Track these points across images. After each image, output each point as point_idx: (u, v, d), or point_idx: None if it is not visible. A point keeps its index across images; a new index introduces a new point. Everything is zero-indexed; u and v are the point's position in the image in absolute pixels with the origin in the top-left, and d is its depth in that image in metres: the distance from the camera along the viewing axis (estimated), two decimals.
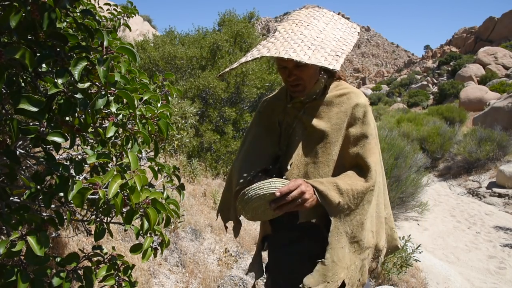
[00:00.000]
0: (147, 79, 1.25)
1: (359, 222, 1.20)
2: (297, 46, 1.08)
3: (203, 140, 5.65)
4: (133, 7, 1.66)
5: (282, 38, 1.14)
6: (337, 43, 1.16)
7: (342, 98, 1.29)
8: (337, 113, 1.27)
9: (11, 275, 0.82)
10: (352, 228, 1.20)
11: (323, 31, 1.19)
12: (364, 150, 1.22)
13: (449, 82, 24.69)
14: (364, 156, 1.21)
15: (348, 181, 1.17)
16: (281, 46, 1.09)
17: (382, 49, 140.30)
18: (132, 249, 1.07)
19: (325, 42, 1.14)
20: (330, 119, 1.27)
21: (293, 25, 1.19)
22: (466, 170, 8.64)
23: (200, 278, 2.68)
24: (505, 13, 37.94)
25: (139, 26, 14.95)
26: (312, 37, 1.14)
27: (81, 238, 2.36)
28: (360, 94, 1.32)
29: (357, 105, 1.27)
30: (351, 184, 1.16)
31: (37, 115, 0.78)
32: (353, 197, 1.16)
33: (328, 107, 1.29)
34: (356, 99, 1.29)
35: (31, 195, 0.85)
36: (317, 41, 1.13)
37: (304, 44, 1.09)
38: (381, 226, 1.32)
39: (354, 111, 1.27)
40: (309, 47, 1.09)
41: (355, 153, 1.22)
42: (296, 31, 1.15)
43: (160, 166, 1.31)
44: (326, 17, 1.27)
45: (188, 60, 6.58)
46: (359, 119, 1.26)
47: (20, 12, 0.74)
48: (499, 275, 3.79)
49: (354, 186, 1.16)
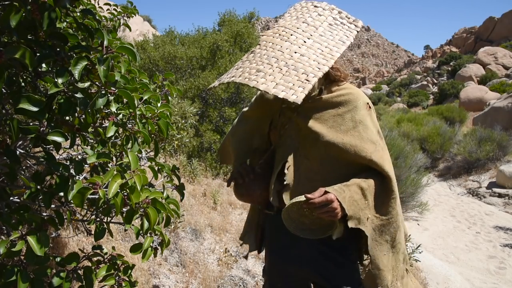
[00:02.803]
0: (147, 79, 1.25)
1: (397, 227, 1.24)
2: (269, 69, 1.04)
3: (203, 140, 5.65)
4: (133, 7, 1.66)
5: (258, 56, 1.10)
6: (317, 57, 1.09)
7: (340, 99, 1.23)
8: (333, 116, 1.22)
9: (11, 275, 0.82)
10: (391, 235, 1.23)
11: (307, 41, 1.12)
12: (377, 157, 1.19)
13: (449, 82, 24.69)
14: (379, 164, 1.19)
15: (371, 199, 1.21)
16: (253, 69, 1.06)
17: (382, 49, 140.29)
18: (132, 249, 1.07)
19: (302, 59, 1.07)
20: (327, 121, 1.22)
21: (276, 36, 1.14)
22: (466, 170, 8.64)
23: (200, 278, 2.68)
24: (505, 13, 37.94)
25: (139, 26, 14.95)
26: (290, 53, 1.08)
27: (81, 238, 2.36)
28: (361, 94, 1.26)
29: (355, 107, 1.22)
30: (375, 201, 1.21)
31: (37, 114, 0.78)
32: (380, 214, 1.22)
33: (325, 109, 1.24)
34: (356, 101, 1.23)
35: (31, 195, 0.85)
36: (294, 59, 1.07)
37: (277, 65, 1.05)
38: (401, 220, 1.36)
39: (353, 113, 1.21)
40: (280, 69, 1.04)
41: (368, 160, 1.19)
42: (276, 45, 1.11)
43: (160, 166, 1.31)
44: (321, 16, 1.20)
45: (188, 60, 6.57)
46: (360, 121, 1.21)
47: (20, 11, 0.74)
48: (499, 275, 3.79)
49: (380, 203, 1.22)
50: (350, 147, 1.18)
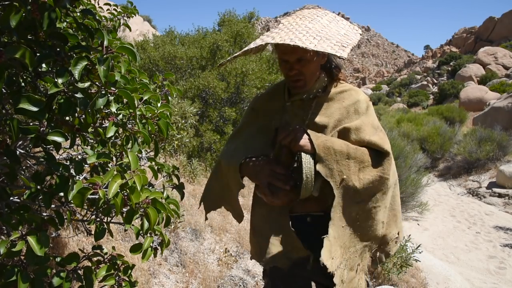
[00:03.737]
0: (147, 79, 1.25)
1: (368, 208, 1.19)
2: (303, 36, 1.07)
3: (203, 140, 5.64)
4: (133, 7, 1.66)
5: (286, 29, 1.13)
6: (341, 37, 1.14)
7: (343, 94, 1.30)
8: (339, 109, 1.27)
9: (11, 275, 0.82)
10: (358, 211, 1.18)
11: (326, 27, 1.18)
12: (377, 138, 1.22)
13: (449, 82, 24.69)
14: (379, 144, 1.21)
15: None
16: (285, 35, 1.08)
17: (382, 49, 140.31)
18: (132, 249, 1.07)
19: (329, 35, 1.13)
20: (332, 115, 1.27)
21: (297, 19, 1.19)
22: (466, 170, 8.64)
23: (200, 278, 2.68)
24: (505, 13, 37.93)
25: (139, 26, 14.95)
26: (317, 30, 1.13)
27: (81, 238, 2.36)
28: (361, 91, 1.33)
29: (358, 100, 1.28)
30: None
31: (37, 114, 0.78)
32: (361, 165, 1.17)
33: (329, 103, 1.29)
34: (357, 95, 1.30)
35: (31, 195, 0.85)
36: (322, 33, 1.11)
37: (309, 35, 1.08)
38: (393, 219, 1.30)
39: (357, 106, 1.27)
40: (314, 37, 1.07)
41: (367, 141, 1.21)
42: (301, 24, 1.14)
43: (160, 166, 1.31)
44: (328, 16, 1.27)
45: (188, 60, 6.57)
46: (363, 113, 1.27)
47: (20, 11, 0.74)
48: (499, 275, 3.79)
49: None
50: (352, 129, 1.23)
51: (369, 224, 1.21)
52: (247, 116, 1.46)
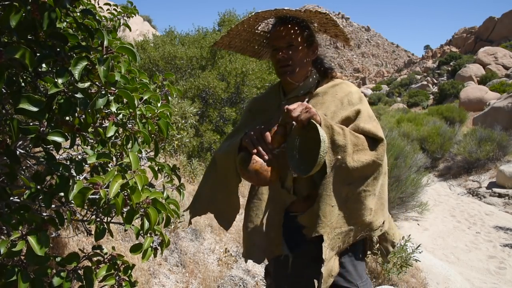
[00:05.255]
0: (147, 79, 1.25)
1: (358, 191, 1.19)
2: (294, 9, 1.23)
3: (203, 140, 5.64)
4: (133, 7, 1.66)
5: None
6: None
7: (335, 88, 1.34)
8: (333, 101, 1.31)
9: (11, 275, 0.82)
10: (348, 193, 1.19)
11: None
12: (371, 126, 1.25)
13: (449, 82, 24.70)
14: (374, 131, 1.23)
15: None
16: (274, 9, 1.22)
17: (382, 49, 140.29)
18: (132, 249, 1.07)
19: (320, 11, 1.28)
20: (328, 107, 1.30)
21: None
22: (466, 170, 8.64)
23: (200, 278, 2.68)
24: (505, 13, 37.94)
25: (139, 26, 14.95)
26: (308, 9, 1.25)
27: (81, 238, 2.36)
28: (353, 84, 1.39)
29: (351, 92, 1.33)
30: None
31: (37, 115, 0.78)
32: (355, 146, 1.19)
33: (323, 97, 1.33)
34: (349, 88, 1.35)
35: (31, 195, 0.85)
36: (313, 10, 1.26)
37: (296, 9, 1.24)
38: (381, 208, 1.29)
39: (350, 97, 1.32)
40: (304, 12, 1.23)
41: (361, 128, 1.23)
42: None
43: (160, 166, 1.31)
44: None
45: (188, 60, 6.57)
46: (357, 103, 1.31)
47: (20, 11, 0.74)
48: (499, 275, 3.79)
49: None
50: (349, 118, 1.27)
51: (358, 207, 1.21)
52: (243, 117, 1.51)
